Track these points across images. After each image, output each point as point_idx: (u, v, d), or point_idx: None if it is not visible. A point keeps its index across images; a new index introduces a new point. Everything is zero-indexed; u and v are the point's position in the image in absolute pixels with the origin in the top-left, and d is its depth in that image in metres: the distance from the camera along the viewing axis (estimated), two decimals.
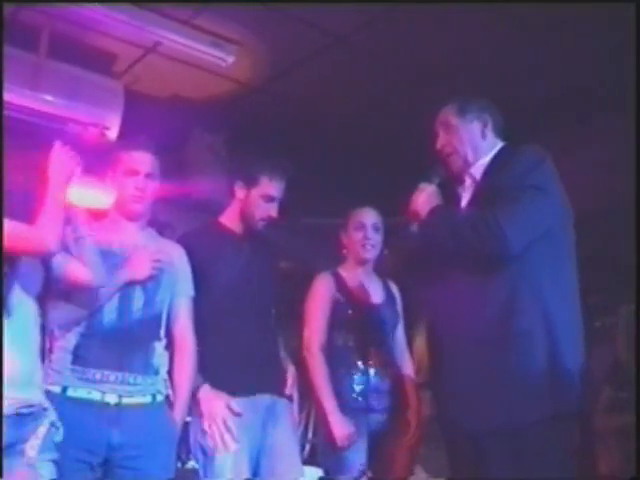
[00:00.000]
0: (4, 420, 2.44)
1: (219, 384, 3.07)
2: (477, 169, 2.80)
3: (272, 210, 3.27)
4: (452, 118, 2.85)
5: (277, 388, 3.21)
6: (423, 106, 4.47)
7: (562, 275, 2.65)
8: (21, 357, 2.56)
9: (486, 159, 2.80)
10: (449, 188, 2.91)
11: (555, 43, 4.05)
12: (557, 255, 2.65)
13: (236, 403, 3.07)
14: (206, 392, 3.04)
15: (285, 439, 3.18)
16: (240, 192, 3.29)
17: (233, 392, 3.08)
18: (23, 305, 2.64)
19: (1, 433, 2.91)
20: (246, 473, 3.04)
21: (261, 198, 3.25)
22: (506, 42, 4.04)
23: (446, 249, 2.76)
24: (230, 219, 3.34)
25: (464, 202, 2.84)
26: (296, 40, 4.04)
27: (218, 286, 3.17)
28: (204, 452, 3.05)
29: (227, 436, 3.01)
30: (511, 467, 2.51)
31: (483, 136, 2.83)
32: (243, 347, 3.13)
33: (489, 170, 2.77)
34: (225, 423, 3.01)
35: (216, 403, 3.03)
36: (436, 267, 2.84)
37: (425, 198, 2.83)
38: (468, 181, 2.83)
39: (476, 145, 2.82)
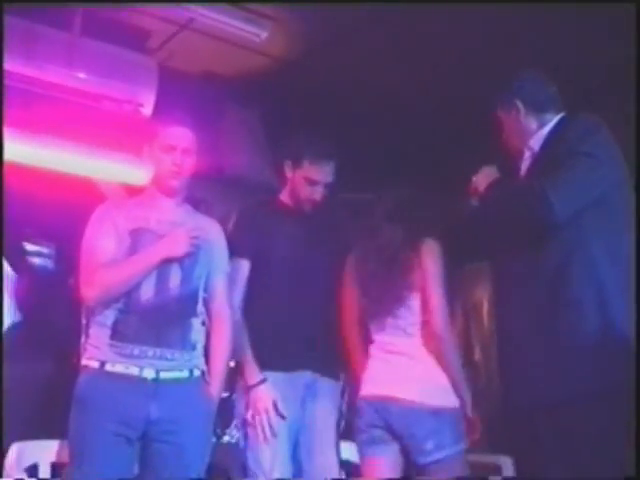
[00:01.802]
0: None
1: (261, 358, 3.11)
2: (535, 141, 2.82)
3: (316, 194, 3.27)
4: (497, 109, 2.94)
5: (320, 366, 3.21)
6: (457, 84, 4.53)
7: (618, 244, 2.61)
8: None
9: (544, 131, 2.82)
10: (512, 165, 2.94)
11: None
12: (612, 223, 2.62)
13: (276, 378, 3.10)
14: (255, 383, 3.09)
15: (323, 417, 3.20)
16: (288, 171, 3.32)
17: (273, 367, 3.11)
18: None
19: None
20: (284, 447, 3.08)
21: (304, 180, 3.26)
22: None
23: (499, 219, 2.80)
24: (286, 197, 3.37)
25: (522, 174, 2.86)
26: (330, 14, 4.00)
27: (272, 261, 3.20)
28: (244, 425, 3.12)
29: (268, 430, 3.06)
30: (560, 445, 2.50)
31: (525, 120, 2.85)
32: (291, 323, 3.15)
33: (546, 141, 2.79)
34: (268, 420, 3.06)
35: (264, 399, 3.08)
36: (492, 240, 2.88)
37: (484, 175, 2.89)
38: (527, 153, 2.85)
39: (520, 130, 2.87)
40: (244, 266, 3.19)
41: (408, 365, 3.03)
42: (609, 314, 2.50)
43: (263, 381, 3.10)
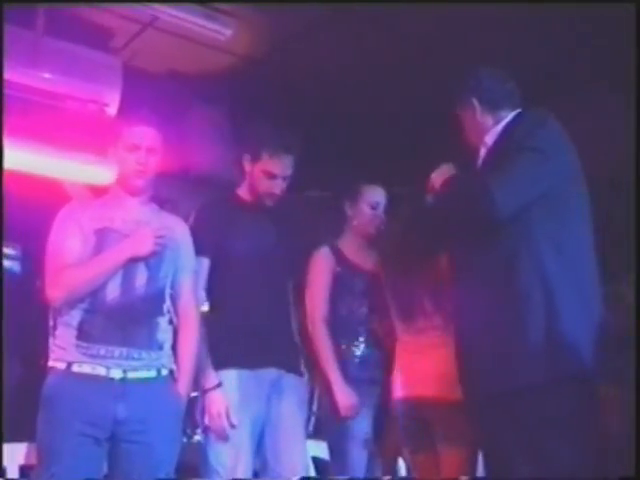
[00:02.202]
0: None
1: (225, 356, 3.10)
2: (490, 137, 2.85)
3: (275, 187, 3.27)
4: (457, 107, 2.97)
5: (284, 362, 3.22)
6: (425, 77, 4.55)
7: (566, 237, 2.62)
8: None
9: (499, 127, 2.84)
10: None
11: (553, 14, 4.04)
12: (562, 217, 2.63)
13: (240, 375, 3.10)
14: (210, 387, 3.09)
15: (289, 413, 3.20)
16: (247, 165, 3.31)
17: (238, 365, 3.10)
18: None
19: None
20: (247, 444, 3.08)
21: (263, 174, 3.25)
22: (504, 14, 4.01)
23: (450, 215, 2.82)
24: (245, 191, 3.36)
25: (477, 170, 2.88)
26: (294, 11, 4.01)
27: (233, 258, 3.20)
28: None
29: (223, 434, 3.07)
30: (511, 432, 2.53)
31: (481, 117, 2.87)
32: (253, 320, 3.16)
33: (498, 137, 2.81)
34: (222, 424, 3.06)
35: (217, 403, 3.08)
36: (447, 235, 2.93)
37: (441, 172, 2.91)
38: (482, 150, 2.87)
39: (476, 127, 2.89)
40: (204, 264, 3.18)
41: (440, 362, 3.04)
42: (555, 307, 2.52)
43: (218, 385, 3.09)
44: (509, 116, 2.84)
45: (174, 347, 2.98)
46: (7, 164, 4.18)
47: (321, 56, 4.48)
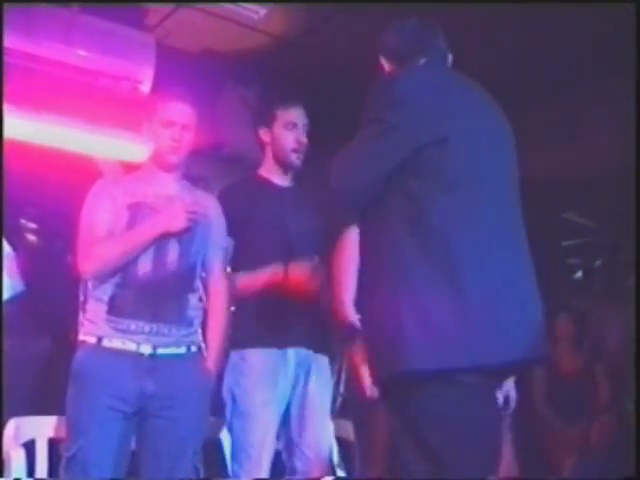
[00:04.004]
0: None
1: (254, 335, 3.11)
2: None
3: (300, 136, 3.28)
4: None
5: (311, 342, 3.21)
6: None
7: (424, 213, 2.19)
8: None
9: None
10: None
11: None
12: (419, 200, 2.20)
13: (268, 354, 3.10)
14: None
15: (316, 393, 3.20)
16: (265, 136, 3.31)
17: (266, 344, 3.11)
18: None
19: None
20: (274, 422, 3.09)
21: (284, 129, 3.27)
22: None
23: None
24: (267, 169, 3.35)
25: None
26: None
27: (259, 238, 3.18)
28: (234, 400, 3.11)
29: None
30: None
31: None
32: (280, 300, 3.14)
33: None
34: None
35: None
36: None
37: None
38: None
39: None
40: (229, 245, 3.17)
41: None
42: (412, 292, 2.16)
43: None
44: None
45: (203, 323, 2.99)
46: (41, 140, 4.24)
47: (354, 37, 4.45)
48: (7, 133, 3.42)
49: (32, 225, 4.94)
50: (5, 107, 3.42)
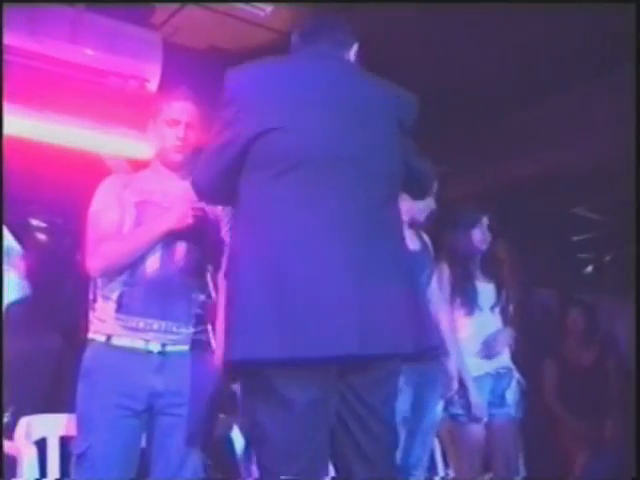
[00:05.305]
0: None
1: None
2: None
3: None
4: None
5: None
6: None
7: (257, 207, 2.29)
8: None
9: None
10: None
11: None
12: (255, 187, 2.31)
13: None
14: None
15: None
16: None
17: None
18: None
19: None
20: None
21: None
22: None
23: None
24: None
25: None
26: None
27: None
28: None
29: None
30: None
31: None
32: None
33: None
34: None
35: None
36: None
37: None
38: None
39: None
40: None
41: None
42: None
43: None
44: None
45: (212, 321, 2.99)
46: (49, 139, 4.25)
47: (360, 34, 4.44)
48: (13, 131, 3.43)
49: (42, 224, 4.95)
50: (11, 105, 3.42)
